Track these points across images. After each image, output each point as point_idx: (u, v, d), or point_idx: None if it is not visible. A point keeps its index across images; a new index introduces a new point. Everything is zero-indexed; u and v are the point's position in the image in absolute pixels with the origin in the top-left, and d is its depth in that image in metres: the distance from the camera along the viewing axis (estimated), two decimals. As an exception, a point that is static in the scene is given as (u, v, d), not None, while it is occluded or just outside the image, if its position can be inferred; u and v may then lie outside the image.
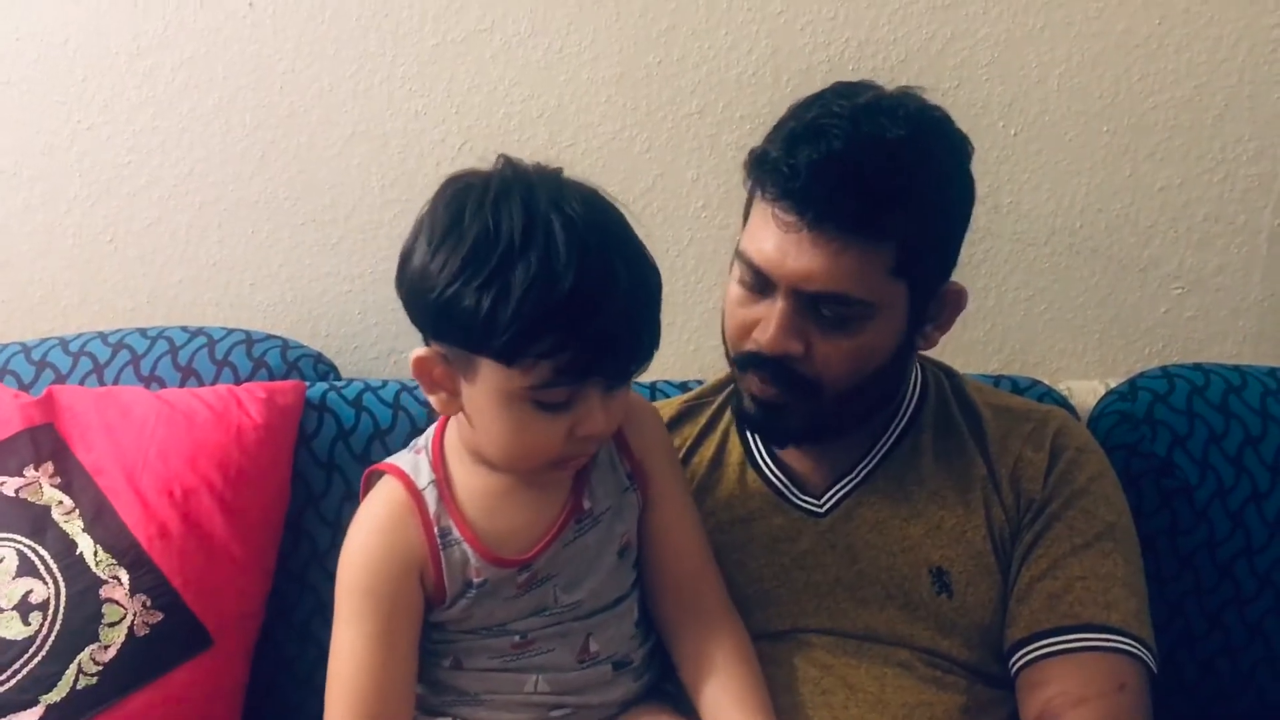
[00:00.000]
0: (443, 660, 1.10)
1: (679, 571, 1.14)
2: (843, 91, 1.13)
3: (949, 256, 1.17)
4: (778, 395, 1.14)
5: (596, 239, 0.95)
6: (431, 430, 1.12)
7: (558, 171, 1.01)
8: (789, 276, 1.09)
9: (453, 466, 1.08)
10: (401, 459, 1.10)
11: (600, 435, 1.01)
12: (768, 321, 1.12)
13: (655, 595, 1.14)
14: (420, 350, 1.02)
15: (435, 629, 1.09)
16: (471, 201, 0.97)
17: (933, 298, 1.16)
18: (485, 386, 0.99)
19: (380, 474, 1.10)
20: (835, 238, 1.07)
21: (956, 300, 1.19)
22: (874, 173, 1.07)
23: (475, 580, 1.06)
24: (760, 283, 1.12)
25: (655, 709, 1.14)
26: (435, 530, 1.05)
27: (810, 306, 1.10)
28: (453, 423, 1.09)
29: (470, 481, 1.08)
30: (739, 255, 1.14)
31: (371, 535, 1.06)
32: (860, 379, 1.14)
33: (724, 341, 1.20)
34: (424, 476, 1.08)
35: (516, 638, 1.08)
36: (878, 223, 1.08)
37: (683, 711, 1.14)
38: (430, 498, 1.07)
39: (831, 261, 1.08)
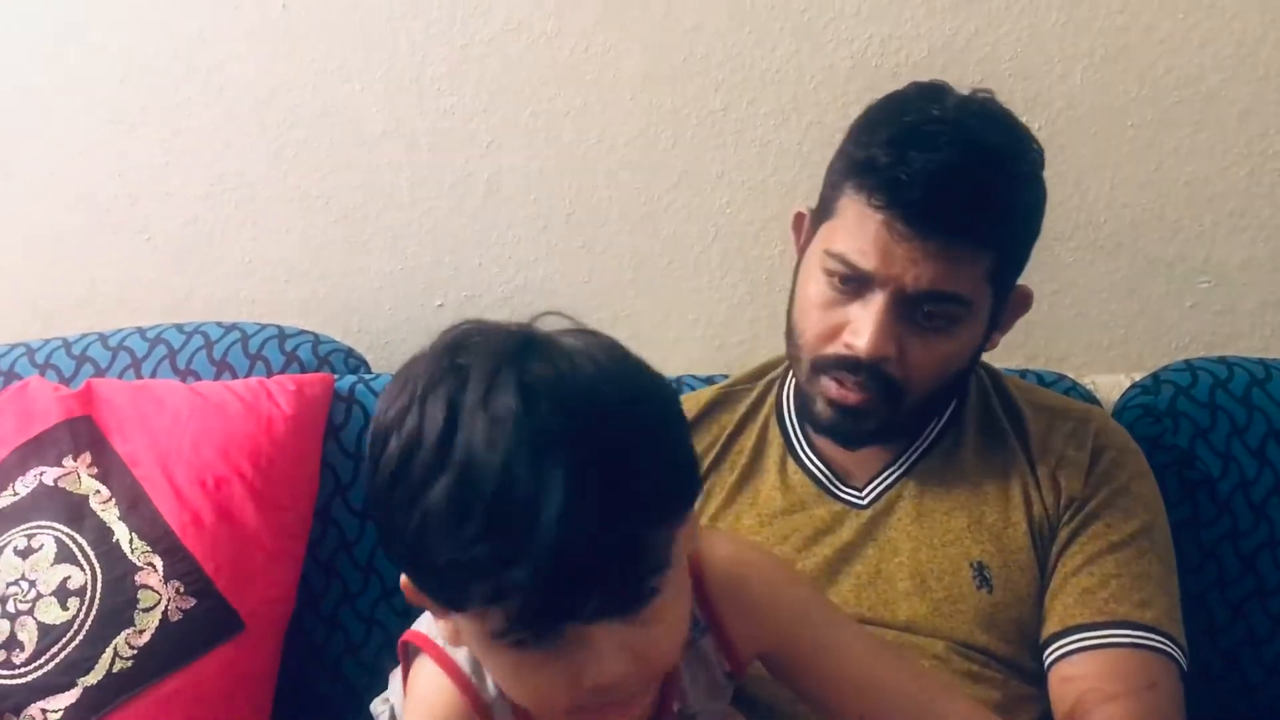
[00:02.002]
0: None
1: (878, 705, 0.96)
2: (929, 94, 1.14)
3: (1026, 262, 1.19)
4: (861, 400, 1.14)
5: (534, 439, 0.71)
6: None
7: (527, 332, 0.78)
8: (897, 277, 1.09)
9: None
10: (460, 652, 0.89)
11: (621, 684, 0.76)
12: (861, 323, 1.11)
13: None
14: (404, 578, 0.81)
15: None
16: (403, 396, 0.77)
17: (1006, 303, 1.18)
18: (461, 625, 0.79)
19: (417, 649, 0.91)
20: (945, 245, 1.08)
21: (1024, 302, 1.21)
22: (985, 182, 1.08)
23: None
24: (857, 283, 1.11)
25: None
26: None
27: (910, 307, 1.10)
28: None
29: None
30: (833, 256, 1.12)
31: None
32: (941, 382, 1.16)
33: (791, 343, 1.19)
34: (491, 683, 0.88)
35: None
36: (985, 232, 1.10)
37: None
38: (500, 711, 0.88)
39: (940, 264, 1.08)
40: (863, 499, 1.22)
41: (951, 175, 1.07)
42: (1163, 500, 1.23)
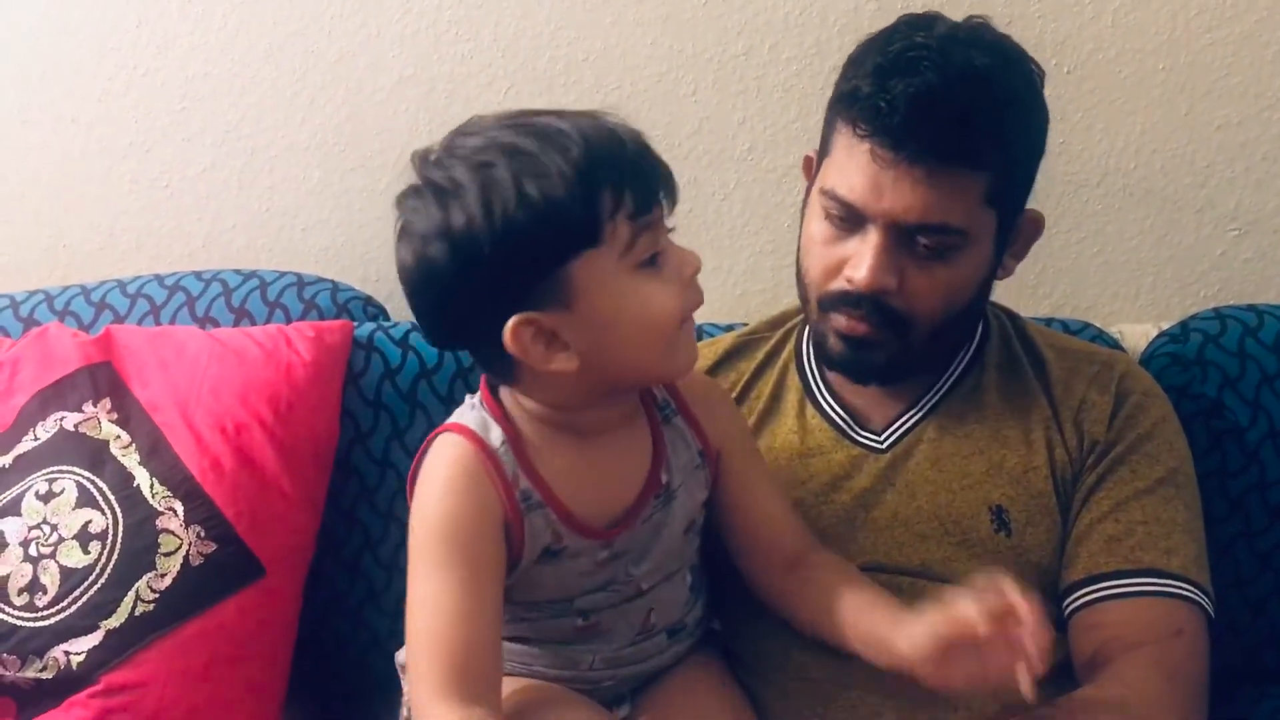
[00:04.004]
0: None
1: (769, 537, 1.12)
2: (917, 24, 1.12)
3: (1031, 183, 1.17)
4: (869, 332, 1.14)
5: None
6: (478, 398, 1.05)
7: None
8: (886, 210, 1.09)
9: (523, 429, 1.02)
10: (465, 417, 1.03)
11: (698, 267, 1.00)
12: (860, 258, 1.11)
13: (745, 559, 1.14)
14: (507, 330, 0.95)
15: None
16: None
17: (1014, 226, 1.17)
18: (591, 299, 0.94)
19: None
20: (933, 170, 1.07)
21: (1034, 227, 1.20)
22: (969, 104, 1.07)
23: (555, 547, 1.02)
24: (851, 219, 1.11)
25: (702, 667, 1.14)
26: (516, 493, 1.00)
27: (906, 239, 1.10)
28: (506, 392, 1.04)
29: (546, 447, 1.02)
30: (825, 194, 1.13)
31: (450, 485, 0.99)
32: (949, 313, 1.14)
33: (799, 283, 1.19)
34: (495, 435, 1.01)
35: (579, 620, 1.06)
36: (974, 153, 1.08)
37: (731, 649, 1.17)
38: (506, 459, 1.00)
39: (930, 192, 1.07)
40: (881, 442, 1.21)
41: (933, 98, 1.05)
42: (1189, 446, 1.22)
